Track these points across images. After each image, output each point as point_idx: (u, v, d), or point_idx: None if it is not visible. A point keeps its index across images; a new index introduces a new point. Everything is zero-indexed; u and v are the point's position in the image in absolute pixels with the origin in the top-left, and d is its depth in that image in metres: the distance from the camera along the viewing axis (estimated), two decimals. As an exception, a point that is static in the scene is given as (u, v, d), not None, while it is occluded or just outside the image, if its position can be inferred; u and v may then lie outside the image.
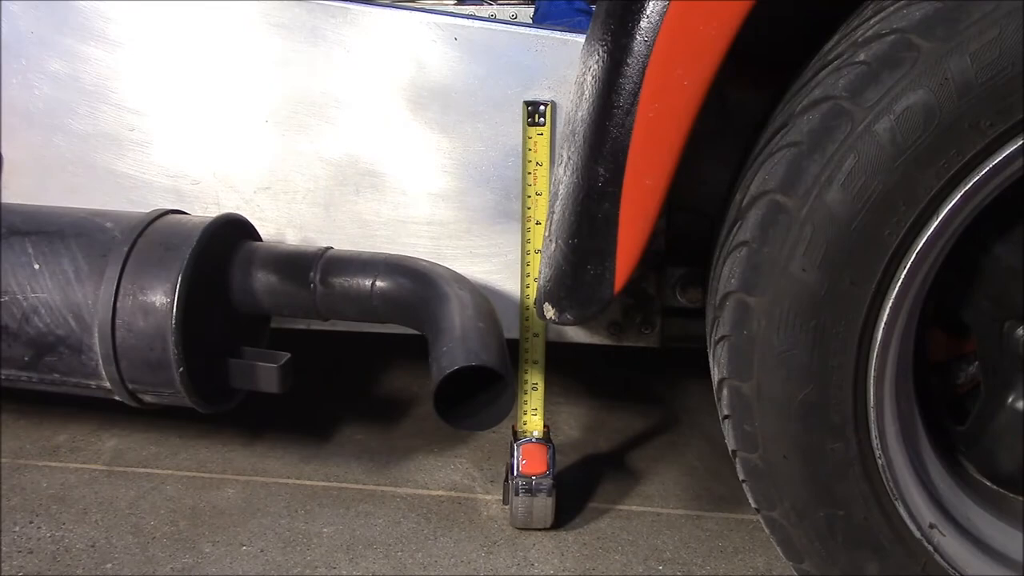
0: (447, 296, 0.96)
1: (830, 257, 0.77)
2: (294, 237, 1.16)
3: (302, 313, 1.05)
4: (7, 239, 0.99)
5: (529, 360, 1.15)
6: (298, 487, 1.28)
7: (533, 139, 1.06)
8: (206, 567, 1.10)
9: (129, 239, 0.98)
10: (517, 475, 1.14)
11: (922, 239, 0.76)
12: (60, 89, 1.14)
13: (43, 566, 1.09)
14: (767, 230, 0.80)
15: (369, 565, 1.11)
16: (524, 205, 1.09)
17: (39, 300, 0.97)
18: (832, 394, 0.81)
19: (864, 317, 0.78)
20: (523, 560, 1.13)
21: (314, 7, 1.07)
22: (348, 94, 1.09)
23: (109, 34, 1.11)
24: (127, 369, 0.97)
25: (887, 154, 0.74)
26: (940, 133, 0.73)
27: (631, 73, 0.84)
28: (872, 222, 0.75)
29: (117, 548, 1.13)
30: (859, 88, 0.75)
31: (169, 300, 0.94)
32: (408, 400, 1.55)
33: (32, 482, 1.27)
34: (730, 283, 0.84)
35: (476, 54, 1.05)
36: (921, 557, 0.86)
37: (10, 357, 1.00)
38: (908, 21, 0.74)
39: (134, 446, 1.37)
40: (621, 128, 0.86)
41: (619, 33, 0.84)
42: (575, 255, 0.93)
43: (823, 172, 0.76)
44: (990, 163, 0.73)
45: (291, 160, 1.13)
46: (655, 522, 1.22)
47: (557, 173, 0.97)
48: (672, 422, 1.50)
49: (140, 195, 1.16)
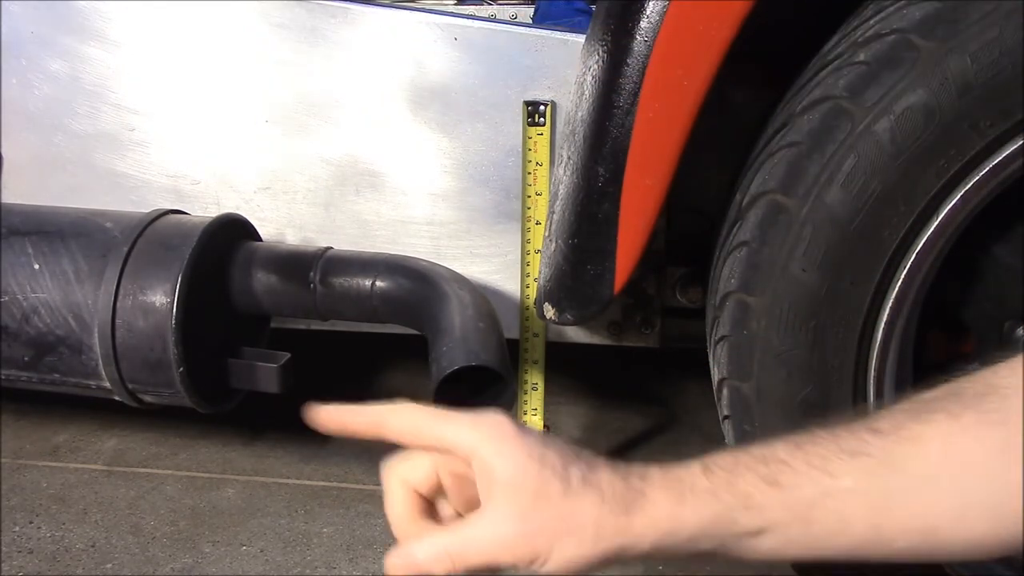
0: (447, 296, 0.96)
1: (830, 257, 0.77)
2: (294, 237, 1.16)
3: (302, 313, 1.05)
4: (7, 239, 0.99)
5: (529, 360, 1.15)
6: (298, 487, 1.28)
7: (533, 139, 1.06)
8: (206, 567, 1.10)
9: (129, 239, 0.98)
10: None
11: (922, 239, 0.76)
12: (60, 89, 1.14)
13: (43, 566, 1.09)
14: (767, 230, 0.80)
15: (369, 565, 1.11)
16: (524, 205, 1.09)
17: (39, 300, 0.97)
18: (832, 394, 0.81)
19: (864, 317, 0.78)
20: (523, 560, 1.13)
21: (314, 7, 1.07)
22: (348, 94, 1.09)
23: (109, 34, 1.11)
24: (127, 369, 0.97)
25: (887, 154, 0.74)
26: (940, 133, 0.73)
27: (631, 73, 0.84)
28: (872, 222, 0.75)
29: (117, 548, 1.13)
30: (859, 88, 0.75)
31: (169, 300, 0.94)
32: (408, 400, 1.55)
33: (32, 482, 1.27)
34: (730, 283, 0.84)
35: (476, 54, 1.05)
36: (921, 557, 0.86)
37: (10, 357, 0.99)
38: (908, 21, 0.74)
39: (134, 446, 1.37)
40: (621, 128, 0.86)
41: (619, 33, 0.84)
42: (575, 255, 0.93)
43: (823, 172, 0.76)
44: (990, 163, 0.73)
45: (291, 160, 1.13)
46: (655, 522, 1.22)
47: (557, 173, 0.97)
48: (672, 422, 1.50)
49: (140, 195, 1.16)
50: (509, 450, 0.47)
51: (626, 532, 0.46)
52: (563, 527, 0.46)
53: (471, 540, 0.48)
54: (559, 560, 0.46)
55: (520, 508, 0.46)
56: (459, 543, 0.48)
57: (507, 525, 0.46)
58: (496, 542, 0.47)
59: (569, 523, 0.46)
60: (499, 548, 0.47)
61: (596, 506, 0.46)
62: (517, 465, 0.47)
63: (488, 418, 0.49)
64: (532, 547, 0.46)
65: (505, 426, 0.49)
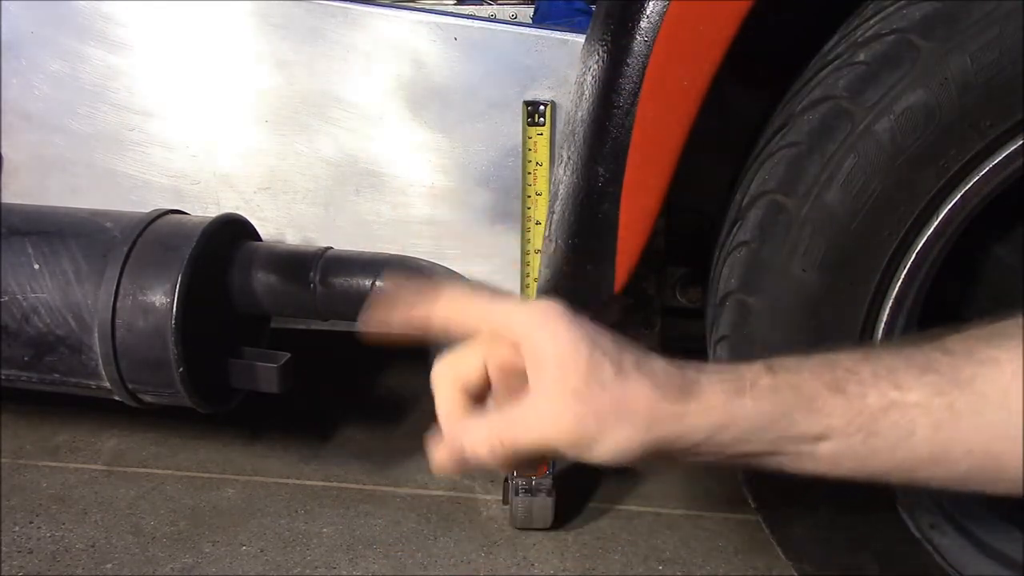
0: (447, 296, 0.96)
1: (830, 257, 0.77)
2: (294, 237, 1.16)
3: (302, 313, 1.05)
4: (7, 239, 0.99)
5: (529, 360, 1.15)
6: (298, 487, 1.28)
7: (533, 139, 1.06)
8: (206, 567, 1.10)
9: (129, 239, 0.98)
10: (517, 475, 1.14)
11: (922, 239, 0.76)
12: (60, 89, 1.14)
13: (43, 566, 1.09)
14: (767, 230, 0.80)
15: (369, 565, 1.11)
16: (524, 205, 1.09)
17: (39, 300, 0.97)
18: (832, 394, 0.81)
19: (864, 317, 0.78)
20: (523, 560, 1.13)
21: (314, 7, 1.07)
22: (348, 94, 1.09)
23: (109, 34, 1.11)
24: (127, 369, 0.97)
25: (887, 154, 0.74)
26: (940, 133, 0.72)
27: (631, 73, 0.84)
28: (872, 222, 0.75)
29: (117, 548, 1.13)
30: (859, 88, 0.75)
31: (169, 300, 0.94)
32: (408, 400, 1.55)
33: (32, 482, 1.27)
34: (730, 283, 0.84)
35: (476, 54, 1.05)
36: (921, 557, 0.86)
37: (10, 357, 0.99)
38: (908, 21, 0.74)
39: (134, 446, 1.37)
40: (621, 128, 0.85)
41: (619, 33, 0.84)
42: (575, 255, 0.93)
43: (823, 172, 0.76)
44: (990, 163, 0.73)
45: (291, 160, 1.13)
46: (655, 522, 1.22)
47: (557, 173, 0.97)
48: (672, 422, 1.49)
49: (140, 195, 1.16)
50: (562, 331, 0.45)
51: (680, 419, 0.44)
52: (616, 411, 0.44)
53: (519, 420, 0.45)
54: (609, 445, 0.44)
55: (572, 389, 0.44)
56: (506, 424, 0.45)
57: (558, 405, 0.44)
58: (546, 422, 0.44)
59: (622, 407, 0.44)
60: (548, 429, 0.44)
61: (650, 391, 0.44)
62: (569, 346, 0.44)
63: (540, 302, 0.47)
64: (583, 429, 0.44)
65: (557, 309, 0.46)
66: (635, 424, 0.44)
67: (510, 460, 0.46)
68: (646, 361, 0.46)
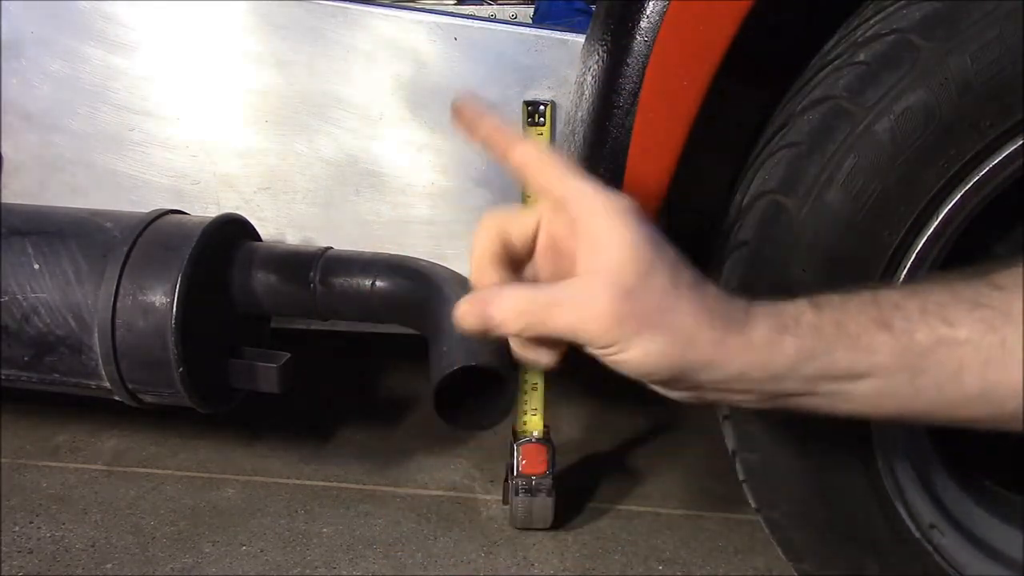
0: (447, 296, 0.96)
1: (830, 257, 0.77)
2: (294, 237, 1.16)
3: (302, 313, 1.05)
4: (7, 239, 0.99)
5: (529, 360, 1.15)
6: (298, 487, 1.28)
7: (533, 139, 1.06)
8: (206, 567, 1.10)
9: (129, 239, 0.98)
10: (517, 475, 1.14)
11: (922, 239, 0.76)
12: (60, 89, 1.14)
13: (43, 566, 1.09)
14: (767, 230, 0.80)
15: (369, 565, 1.11)
16: (524, 205, 1.09)
17: (39, 300, 0.97)
18: (832, 394, 0.81)
19: (864, 317, 0.78)
20: (523, 560, 1.13)
21: (314, 7, 1.07)
22: (348, 94, 1.09)
23: (109, 34, 1.11)
24: (127, 369, 0.97)
25: (887, 154, 0.74)
26: (940, 133, 0.72)
27: (631, 73, 0.84)
28: (872, 222, 0.75)
29: (117, 548, 1.13)
30: (859, 88, 0.75)
31: (169, 300, 0.94)
32: (408, 400, 1.56)
33: (32, 482, 1.27)
34: (730, 283, 0.84)
35: (476, 54, 1.05)
36: (921, 557, 0.86)
37: (10, 357, 0.99)
38: (908, 21, 0.74)
39: (134, 446, 1.37)
40: (621, 128, 0.86)
41: (619, 33, 0.84)
42: (575, 255, 0.93)
43: (823, 172, 0.76)
44: (990, 163, 0.73)
45: (291, 160, 1.13)
46: (655, 522, 1.22)
47: (557, 173, 0.97)
48: (672, 422, 1.50)
49: (140, 195, 1.16)
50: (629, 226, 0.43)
51: (719, 349, 0.43)
52: (659, 321, 0.42)
53: (558, 300, 0.43)
54: (639, 352, 0.42)
55: (623, 285, 0.42)
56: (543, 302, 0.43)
57: (603, 297, 0.42)
58: (585, 310, 0.42)
59: (666, 319, 0.42)
60: (587, 317, 0.42)
61: (698, 312, 0.43)
62: (633, 243, 0.43)
63: (618, 194, 0.45)
64: (620, 328, 0.42)
65: (632, 206, 0.45)
66: (673, 340, 0.42)
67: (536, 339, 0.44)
68: (702, 284, 0.44)
